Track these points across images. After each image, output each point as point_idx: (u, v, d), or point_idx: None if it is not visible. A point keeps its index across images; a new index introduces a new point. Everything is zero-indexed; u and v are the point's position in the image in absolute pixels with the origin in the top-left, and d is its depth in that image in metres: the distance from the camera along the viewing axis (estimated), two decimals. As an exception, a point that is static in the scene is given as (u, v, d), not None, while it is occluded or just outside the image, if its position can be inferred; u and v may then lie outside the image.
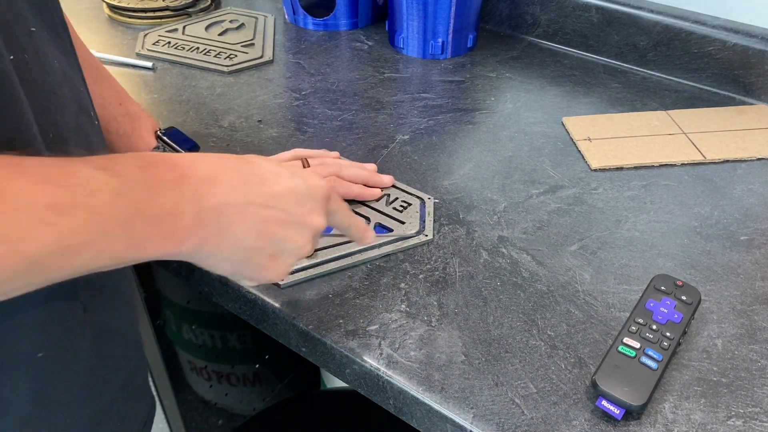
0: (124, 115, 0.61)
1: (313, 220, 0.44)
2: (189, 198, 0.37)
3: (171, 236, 0.36)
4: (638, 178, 0.71)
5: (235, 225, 0.39)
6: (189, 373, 1.27)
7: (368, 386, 0.51)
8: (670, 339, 0.49)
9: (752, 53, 0.83)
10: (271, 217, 0.41)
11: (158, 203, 0.35)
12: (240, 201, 0.39)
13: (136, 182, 0.34)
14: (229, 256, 0.40)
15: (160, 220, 0.35)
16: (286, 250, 0.43)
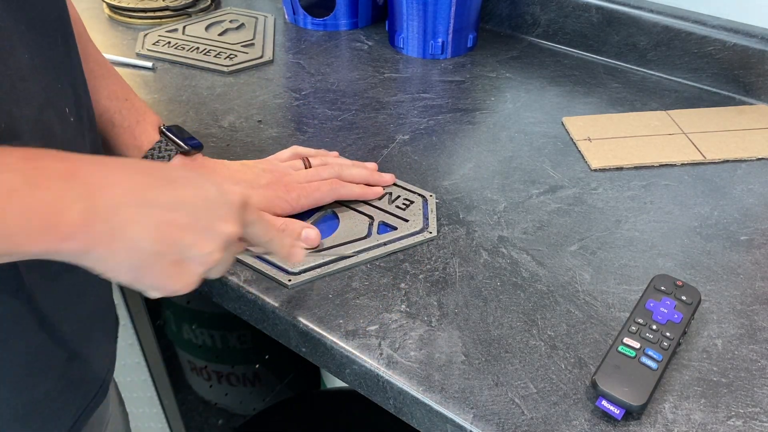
0: (129, 109, 0.62)
1: (223, 227, 0.41)
2: (77, 194, 0.35)
3: (52, 230, 0.34)
4: (638, 178, 0.71)
5: (130, 227, 0.37)
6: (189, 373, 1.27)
7: (368, 386, 0.51)
8: (670, 339, 0.49)
9: (752, 53, 0.83)
10: (174, 220, 0.39)
11: (36, 197, 0.33)
12: (138, 202, 0.38)
13: (13, 171, 0.33)
14: (125, 261, 0.38)
15: (38, 213, 0.33)
16: (191, 257, 0.40)
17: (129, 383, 0.94)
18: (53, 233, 0.34)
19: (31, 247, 0.34)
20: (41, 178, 0.34)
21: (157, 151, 0.61)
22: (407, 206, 0.65)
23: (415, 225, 0.62)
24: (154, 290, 0.42)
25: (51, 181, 0.34)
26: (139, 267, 0.39)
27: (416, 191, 0.67)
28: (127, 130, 0.61)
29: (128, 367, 0.91)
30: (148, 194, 0.38)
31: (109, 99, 0.61)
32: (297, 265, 0.57)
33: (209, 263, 0.42)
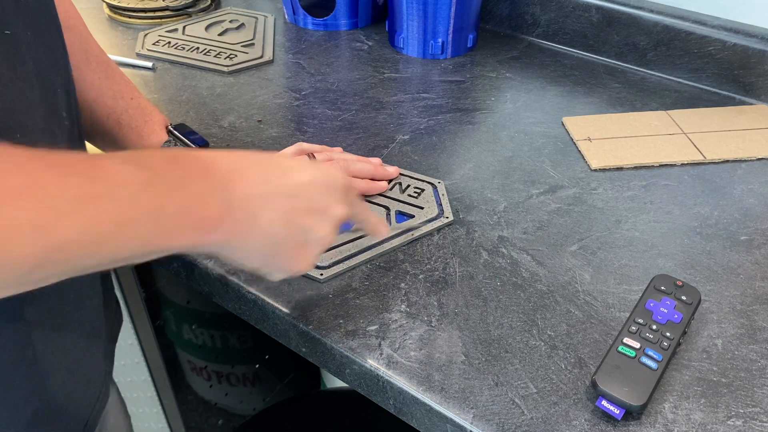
0: (136, 108, 0.62)
1: (336, 210, 0.44)
2: (216, 187, 0.37)
3: (200, 225, 0.36)
4: (638, 178, 0.71)
5: (263, 214, 0.40)
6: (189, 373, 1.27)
7: (368, 386, 0.51)
8: (670, 339, 0.49)
9: (752, 53, 0.83)
10: (298, 206, 0.42)
11: (186, 191, 0.35)
12: (266, 191, 0.40)
13: (163, 173, 0.35)
14: (259, 247, 0.41)
15: (188, 209, 0.35)
16: (312, 239, 0.44)
17: (129, 383, 0.94)
18: (200, 228, 0.36)
19: (181, 242, 0.36)
20: (186, 177, 0.36)
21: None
22: (419, 194, 0.66)
23: (430, 212, 0.64)
24: (280, 273, 0.45)
25: (194, 179, 0.36)
26: (270, 252, 0.42)
27: (425, 179, 0.68)
28: (134, 131, 0.61)
29: (128, 367, 0.92)
30: (273, 183, 0.41)
31: (114, 99, 0.61)
32: (326, 258, 0.58)
33: (326, 244, 0.45)
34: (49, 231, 0.29)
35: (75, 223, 0.30)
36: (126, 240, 0.33)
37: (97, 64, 0.60)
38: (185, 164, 0.37)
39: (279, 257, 0.43)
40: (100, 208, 0.31)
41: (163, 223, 0.34)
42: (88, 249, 0.32)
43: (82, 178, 0.31)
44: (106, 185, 0.32)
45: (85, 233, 0.31)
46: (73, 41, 0.57)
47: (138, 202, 0.33)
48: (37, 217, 0.29)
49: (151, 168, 0.35)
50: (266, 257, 0.42)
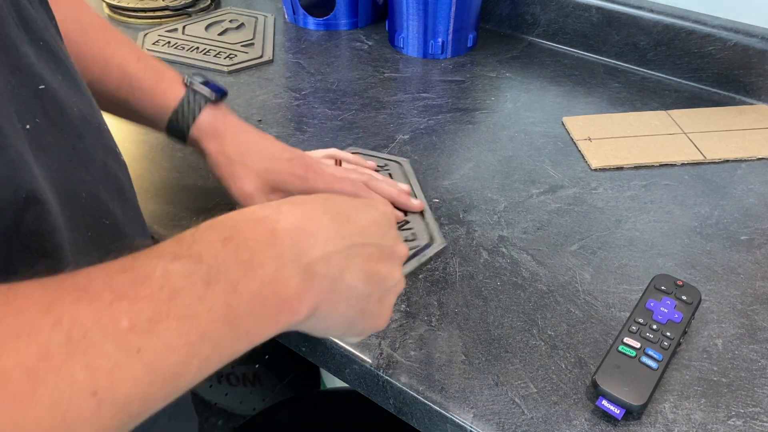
0: (145, 69, 0.58)
1: (400, 249, 0.40)
2: (289, 258, 0.31)
3: (284, 309, 0.31)
4: (638, 178, 0.71)
5: (345, 273, 0.34)
6: (189, 373, 1.27)
7: (368, 386, 0.51)
8: (670, 339, 0.49)
9: (752, 53, 0.83)
10: (371, 255, 0.36)
11: (258, 277, 0.29)
12: (340, 246, 0.34)
13: (224, 261, 0.28)
14: (345, 312, 0.35)
15: (266, 297, 0.30)
16: (388, 288, 0.39)
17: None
18: (285, 311, 0.31)
19: (264, 336, 0.30)
20: (252, 256, 0.29)
21: (186, 104, 0.57)
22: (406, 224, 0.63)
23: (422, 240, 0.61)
24: (360, 335, 0.39)
25: (260, 254, 0.30)
26: (355, 314, 0.36)
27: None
28: (148, 92, 0.58)
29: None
30: (343, 233, 0.35)
31: (120, 66, 0.57)
32: None
33: (399, 290, 0.40)
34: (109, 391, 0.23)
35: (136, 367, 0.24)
36: (201, 361, 0.27)
37: (94, 33, 0.56)
38: (245, 237, 0.30)
39: (363, 318, 0.37)
40: (159, 336, 0.25)
41: (240, 323, 0.28)
42: (160, 390, 0.25)
43: (127, 302, 0.24)
44: (161, 301, 0.25)
45: (152, 374, 0.24)
46: (65, 13, 0.52)
47: (204, 310, 0.26)
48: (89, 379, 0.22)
49: (206, 258, 0.28)
50: (351, 321, 0.36)
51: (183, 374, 0.26)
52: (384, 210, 0.40)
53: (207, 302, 0.27)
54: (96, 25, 0.57)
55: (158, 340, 0.25)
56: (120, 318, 0.24)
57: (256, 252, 0.30)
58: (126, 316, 0.24)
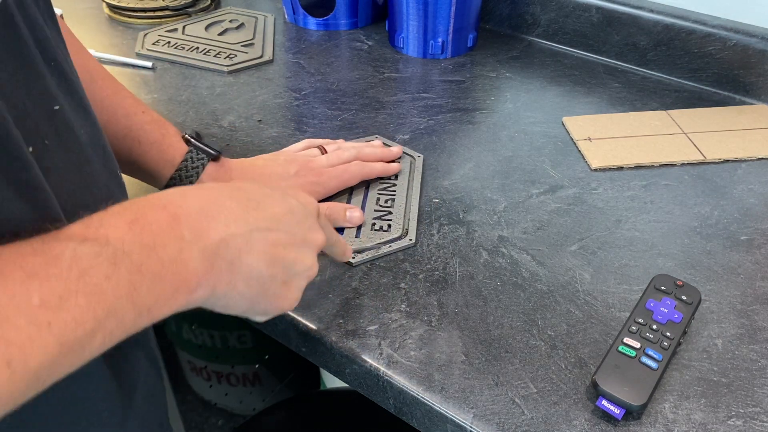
0: (150, 122, 0.59)
1: (315, 237, 0.42)
2: (190, 240, 0.33)
3: (182, 287, 0.33)
4: (638, 178, 0.71)
5: (244, 255, 0.36)
6: (189, 373, 1.27)
7: (368, 386, 0.51)
8: (670, 339, 0.49)
9: (752, 53, 0.83)
10: (278, 240, 0.38)
11: (158, 257, 0.31)
12: (243, 229, 0.36)
13: (130, 243, 0.30)
14: (244, 292, 0.37)
15: (166, 277, 0.32)
16: (297, 273, 0.41)
17: (129, 383, 0.94)
18: (182, 290, 0.33)
19: (164, 313, 0.32)
20: (155, 239, 0.32)
21: (190, 162, 0.59)
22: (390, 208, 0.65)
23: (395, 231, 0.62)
24: (264, 315, 0.41)
25: (162, 237, 0.32)
26: (255, 294, 0.38)
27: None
28: (154, 146, 0.59)
29: (128, 367, 0.91)
30: (248, 219, 0.37)
31: (127, 117, 0.58)
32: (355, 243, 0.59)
33: (311, 276, 0.42)
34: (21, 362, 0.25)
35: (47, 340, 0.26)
36: (105, 334, 0.29)
37: (102, 81, 0.58)
38: (149, 221, 0.32)
39: (265, 298, 0.39)
40: (68, 311, 0.27)
41: (142, 299, 0.30)
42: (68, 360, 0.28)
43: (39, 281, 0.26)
44: (70, 279, 0.27)
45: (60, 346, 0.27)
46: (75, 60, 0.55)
47: (110, 288, 0.29)
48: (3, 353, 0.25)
49: (113, 240, 0.30)
50: (252, 301, 0.38)
51: (89, 346, 0.28)
52: (304, 201, 0.42)
53: (113, 281, 0.29)
54: (102, 73, 0.58)
55: (67, 315, 0.27)
56: (32, 295, 0.26)
57: (159, 235, 0.32)
58: (37, 293, 0.26)
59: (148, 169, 0.60)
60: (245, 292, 0.38)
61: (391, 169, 0.69)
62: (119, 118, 0.58)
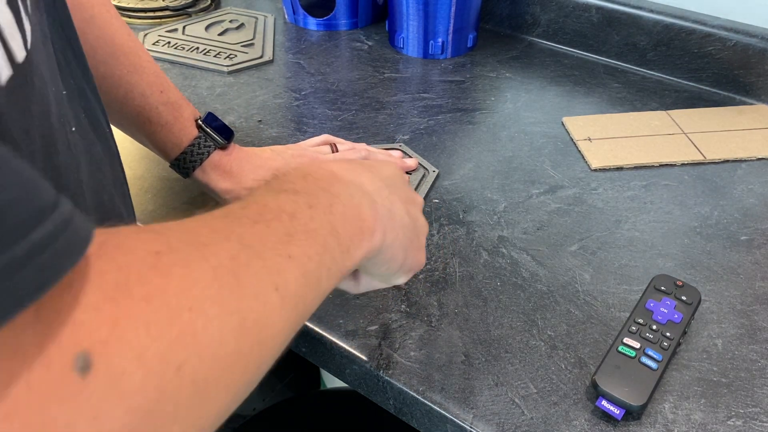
0: (165, 104, 0.60)
1: (418, 197, 0.45)
2: (355, 189, 0.36)
3: (365, 229, 0.35)
4: (638, 178, 0.71)
5: (394, 207, 0.39)
6: (189, 373, 1.27)
7: (368, 386, 0.51)
8: (670, 339, 0.49)
9: (752, 53, 0.83)
10: (400, 198, 0.41)
11: (340, 200, 0.34)
12: (380, 186, 0.39)
13: (313, 191, 0.33)
14: (402, 240, 0.39)
15: (350, 218, 0.34)
16: (421, 228, 0.43)
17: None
18: (366, 232, 0.35)
19: (357, 256, 0.34)
20: (329, 188, 0.34)
21: (196, 147, 0.60)
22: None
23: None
24: (410, 271, 0.42)
25: (334, 186, 0.35)
26: (407, 246, 0.40)
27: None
28: (165, 127, 0.60)
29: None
30: (377, 180, 0.39)
31: (143, 96, 0.58)
32: None
33: (426, 233, 0.44)
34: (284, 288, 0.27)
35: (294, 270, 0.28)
36: (327, 270, 0.31)
37: (124, 57, 0.58)
38: (318, 177, 0.35)
39: (412, 250, 0.41)
40: (298, 246, 0.29)
41: (342, 239, 0.32)
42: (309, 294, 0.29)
43: (264, 224, 0.29)
44: (286, 222, 0.29)
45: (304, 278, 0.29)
46: (98, 33, 0.55)
47: (318, 227, 0.31)
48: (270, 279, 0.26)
49: (300, 190, 0.32)
50: (406, 252, 0.40)
51: (320, 282, 0.30)
52: (397, 166, 0.44)
53: (316, 221, 0.31)
54: (126, 49, 0.58)
55: (299, 249, 0.29)
56: (266, 234, 0.28)
57: (331, 185, 0.35)
58: (269, 233, 0.28)
59: (156, 146, 0.61)
60: (403, 241, 0.39)
61: None
62: (135, 96, 0.58)
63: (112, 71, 0.57)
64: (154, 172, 0.69)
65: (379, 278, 0.42)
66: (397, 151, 0.72)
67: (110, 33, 0.57)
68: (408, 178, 0.45)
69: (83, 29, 0.48)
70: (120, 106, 0.59)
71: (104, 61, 0.56)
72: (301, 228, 0.30)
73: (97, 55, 0.47)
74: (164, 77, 0.61)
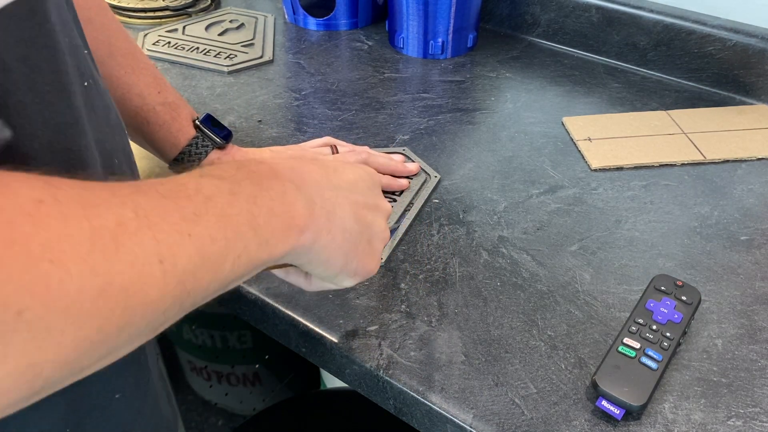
0: (163, 104, 0.60)
1: (383, 204, 0.45)
2: (292, 186, 0.36)
3: (292, 225, 0.35)
4: (638, 178, 0.71)
5: (337, 209, 0.39)
6: (189, 373, 1.27)
7: (368, 386, 0.51)
8: (670, 339, 0.49)
9: (752, 53, 0.83)
10: (357, 201, 0.41)
11: (269, 193, 0.34)
12: (331, 186, 0.39)
13: (242, 179, 0.33)
14: (341, 244, 0.39)
15: (277, 211, 0.34)
16: (375, 234, 0.43)
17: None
18: (294, 229, 0.35)
19: (280, 249, 0.34)
20: (263, 180, 0.34)
21: (194, 147, 0.61)
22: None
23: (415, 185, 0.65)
24: (355, 275, 0.42)
25: (269, 181, 0.35)
26: (348, 250, 0.40)
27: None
28: (162, 128, 0.60)
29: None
30: (332, 180, 0.39)
31: (141, 96, 0.59)
32: None
33: (385, 239, 0.44)
34: (171, 262, 0.27)
35: (189, 248, 0.28)
36: (234, 258, 0.31)
37: (122, 58, 0.59)
38: (253, 169, 0.35)
39: (356, 255, 0.41)
40: (204, 227, 0.29)
41: (261, 230, 0.33)
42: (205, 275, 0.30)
43: (172, 200, 0.29)
44: (199, 202, 0.30)
45: (200, 258, 0.29)
46: (96, 35, 0.56)
47: (234, 213, 0.31)
48: (156, 250, 0.26)
49: (226, 177, 0.33)
50: (347, 256, 0.40)
51: (222, 267, 0.30)
52: (369, 170, 0.44)
53: (235, 207, 0.31)
54: (124, 50, 0.59)
55: (203, 230, 0.29)
56: (169, 209, 0.28)
57: (264, 178, 0.35)
58: (175, 209, 0.28)
59: (154, 148, 0.62)
60: (342, 245, 0.39)
61: (397, 184, 0.67)
62: (132, 96, 0.59)
63: (110, 72, 0.58)
64: (155, 172, 0.69)
65: (324, 279, 0.42)
66: (399, 155, 0.72)
67: (107, 34, 0.58)
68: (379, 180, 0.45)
69: None
70: (118, 106, 0.58)
71: (102, 62, 0.56)
72: (215, 211, 0.30)
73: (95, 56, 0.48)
74: (162, 78, 0.62)
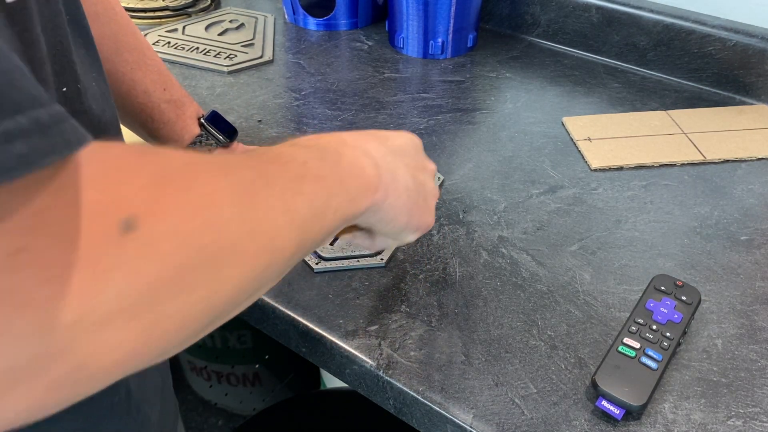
0: (168, 101, 0.60)
1: (430, 165, 0.47)
2: (360, 153, 0.39)
3: (369, 185, 0.38)
4: (638, 178, 0.71)
5: (397, 170, 0.41)
6: (189, 373, 1.27)
7: (368, 386, 0.51)
8: (670, 339, 0.49)
9: (752, 53, 0.83)
10: (409, 164, 0.43)
11: (347, 159, 0.37)
12: (386, 152, 0.42)
13: (323, 147, 0.36)
14: (405, 201, 0.42)
15: (355, 173, 0.37)
16: (428, 192, 0.45)
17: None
18: (371, 188, 0.38)
19: (361, 205, 0.38)
20: (338, 148, 0.38)
21: (198, 145, 0.61)
22: None
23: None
24: (417, 230, 0.45)
25: (343, 148, 0.38)
26: (410, 207, 0.43)
27: None
28: (167, 125, 0.60)
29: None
30: (387, 145, 0.42)
31: (146, 93, 0.59)
32: (326, 250, 0.58)
33: (436, 197, 0.47)
34: (291, 214, 0.31)
35: (302, 203, 0.32)
36: (333, 212, 0.34)
37: (128, 53, 0.58)
38: (323, 142, 0.38)
39: (416, 210, 0.44)
40: (309, 186, 0.33)
41: (348, 189, 0.36)
42: (315, 226, 0.33)
43: (278, 165, 0.32)
44: (298, 166, 0.33)
45: (310, 211, 0.32)
46: (103, 30, 0.55)
47: (326, 175, 0.34)
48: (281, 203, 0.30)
49: (311, 146, 0.36)
50: (410, 212, 0.43)
51: (325, 219, 0.34)
52: (412, 136, 0.47)
53: (325, 170, 0.35)
54: (131, 46, 0.59)
55: (309, 188, 0.32)
56: (281, 172, 0.32)
57: (337, 148, 0.38)
58: (283, 171, 0.32)
59: (159, 141, 0.62)
60: (406, 203, 0.42)
61: None
62: (138, 93, 0.59)
63: (115, 68, 0.57)
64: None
65: (390, 236, 0.45)
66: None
67: (114, 29, 0.57)
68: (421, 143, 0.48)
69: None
70: (123, 102, 0.59)
71: (107, 57, 0.56)
72: (312, 173, 0.33)
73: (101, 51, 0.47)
74: (168, 75, 0.61)
